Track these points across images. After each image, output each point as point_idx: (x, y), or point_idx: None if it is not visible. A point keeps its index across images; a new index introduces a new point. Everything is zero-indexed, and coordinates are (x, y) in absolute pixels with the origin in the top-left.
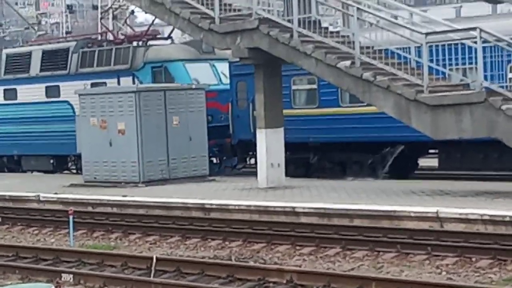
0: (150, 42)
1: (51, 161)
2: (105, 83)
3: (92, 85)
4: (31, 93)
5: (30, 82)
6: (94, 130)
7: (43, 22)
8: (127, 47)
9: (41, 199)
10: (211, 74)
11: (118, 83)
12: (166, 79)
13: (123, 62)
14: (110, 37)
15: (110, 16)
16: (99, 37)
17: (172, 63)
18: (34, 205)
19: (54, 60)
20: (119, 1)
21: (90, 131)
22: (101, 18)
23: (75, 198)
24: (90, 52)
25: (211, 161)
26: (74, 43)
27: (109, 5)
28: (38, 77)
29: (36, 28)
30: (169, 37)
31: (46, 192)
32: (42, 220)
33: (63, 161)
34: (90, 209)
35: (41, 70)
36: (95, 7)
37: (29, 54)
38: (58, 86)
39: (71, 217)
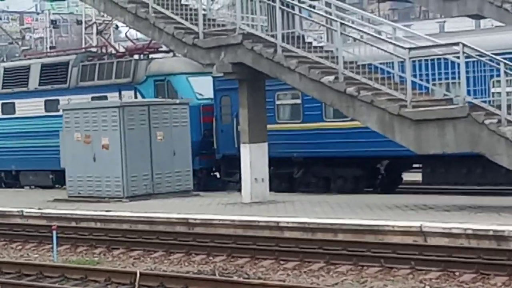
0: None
1: (51, 176)
2: (106, 97)
3: (93, 99)
4: (29, 107)
5: (29, 96)
6: (78, 145)
7: (27, 37)
8: (128, 60)
9: (25, 214)
10: None
11: (120, 97)
12: (169, 92)
13: (124, 75)
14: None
15: (94, 30)
16: (99, 50)
17: (175, 77)
18: (18, 221)
19: (54, 74)
20: (103, 16)
21: (74, 146)
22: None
23: (58, 213)
24: (90, 65)
25: (214, 176)
26: (74, 56)
27: (93, 20)
28: (37, 91)
29: (20, 43)
30: (171, 50)
31: (30, 207)
32: (26, 236)
33: (63, 176)
34: (73, 224)
35: (40, 84)
36: (79, 22)
37: (27, 68)
38: (57, 100)
39: (54, 232)
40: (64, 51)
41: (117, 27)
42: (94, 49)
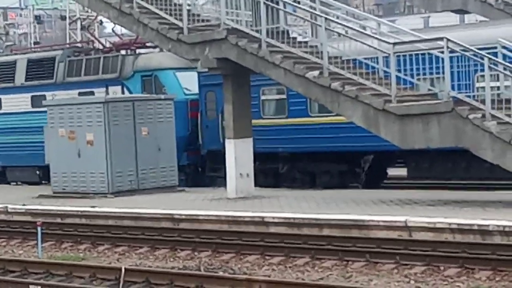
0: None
1: (37, 172)
2: (93, 93)
3: (80, 94)
4: (16, 103)
5: (15, 91)
6: (62, 141)
7: (11, 33)
8: (115, 56)
9: (9, 210)
10: None
11: (107, 92)
12: (156, 88)
13: (111, 71)
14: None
15: (78, 26)
16: (86, 46)
17: (162, 72)
18: (2, 217)
19: (40, 69)
20: (87, 12)
21: (59, 142)
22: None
23: (43, 209)
24: (77, 60)
25: (202, 172)
26: (60, 51)
27: (77, 16)
28: (24, 87)
29: (4, 38)
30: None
31: (15, 204)
32: (10, 232)
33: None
34: (58, 220)
35: (27, 79)
36: (63, 18)
37: (14, 63)
38: (44, 96)
39: (39, 228)
40: (51, 46)
41: (101, 22)
42: (79, 45)
